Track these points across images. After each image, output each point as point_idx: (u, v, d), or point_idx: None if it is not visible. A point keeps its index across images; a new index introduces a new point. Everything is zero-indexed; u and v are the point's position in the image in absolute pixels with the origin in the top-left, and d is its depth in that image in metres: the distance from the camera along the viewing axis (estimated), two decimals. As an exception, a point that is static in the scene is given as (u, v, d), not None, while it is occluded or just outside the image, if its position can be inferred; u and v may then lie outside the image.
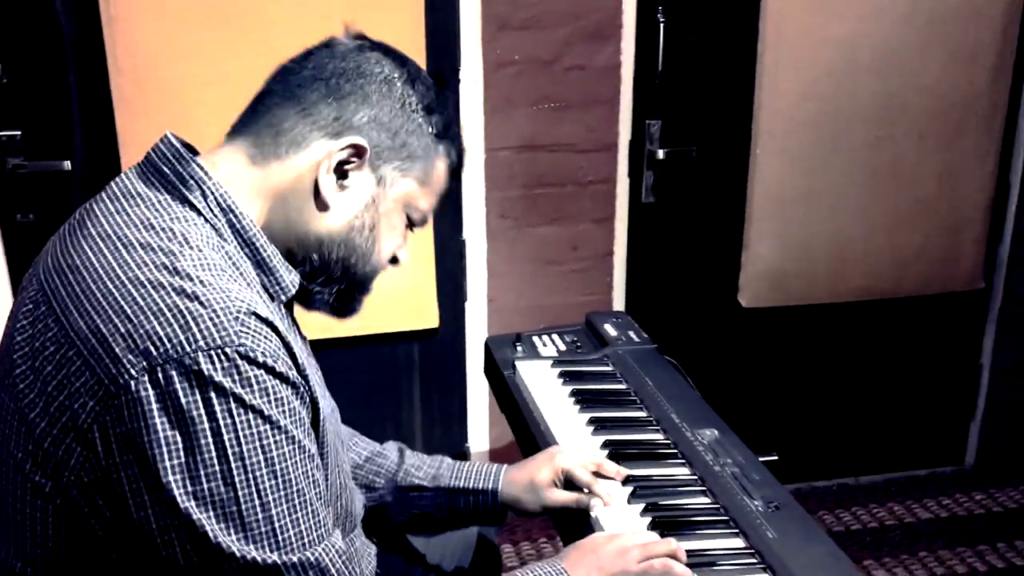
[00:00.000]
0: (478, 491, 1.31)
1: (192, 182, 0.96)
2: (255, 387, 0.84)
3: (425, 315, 2.40)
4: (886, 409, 2.84)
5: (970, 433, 2.95)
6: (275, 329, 0.88)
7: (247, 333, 0.85)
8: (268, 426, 0.84)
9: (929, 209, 2.62)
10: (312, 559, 0.87)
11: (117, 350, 0.82)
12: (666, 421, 1.49)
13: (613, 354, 1.73)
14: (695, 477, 1.34)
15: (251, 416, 0.83)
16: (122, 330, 0.83)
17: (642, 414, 1.53)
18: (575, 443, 1.43)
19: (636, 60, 2.39)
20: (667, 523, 1.22)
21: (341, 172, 1.00)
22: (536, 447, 1.45)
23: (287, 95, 0.99)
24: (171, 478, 0.81)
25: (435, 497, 1.32)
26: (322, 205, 1.00)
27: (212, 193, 0.96)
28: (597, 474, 1.31)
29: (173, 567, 0.84)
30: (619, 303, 2.59)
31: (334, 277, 1.04)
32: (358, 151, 0.99)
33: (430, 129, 1.04)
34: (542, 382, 1.63)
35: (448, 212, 2.40)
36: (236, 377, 0.83)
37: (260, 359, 0.84)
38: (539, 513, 1.31)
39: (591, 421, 1.49)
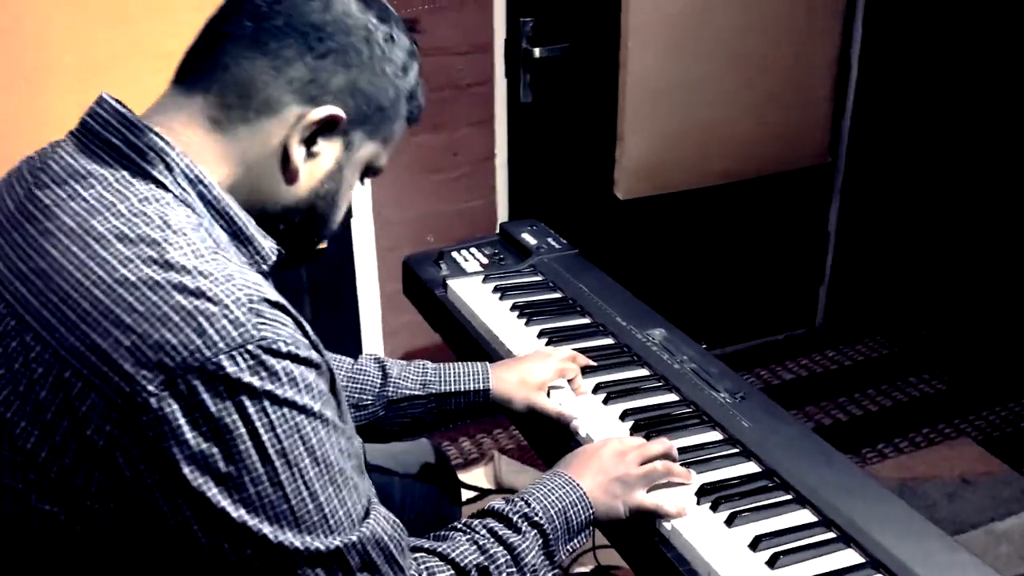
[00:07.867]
0: (471, 392, 1.34)
1: (153, 154, 0.85)
2: (283, 379, 0.78)
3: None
4: (746, 282, 3.04)
5: (819, 297, 3.21)
6: (286, 310, 0.83)
7: (265, 324, 0.78)
8: (303, 416, 0.80)
9: (782, 91, 2.76)
10: (368, 534, 0.85)
11: (126, 366, 0.74)
12: (612, 325, 1.53)
13: (539, 263, 1.75)
14: (658, 376, 1.40)
15: (285, 410, 0.78)
16: (126, 343, 0.75)
17: (587, 320, 1.56)
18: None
19: (506, -43, 2.34)
20: (646, 425, 1.28)
21: (311, 140, 0.92)
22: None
23: (256, 45, 0.88)
24: (214, 492, 0.76)
25: (427, 403, 1.35)
26: (291, 176, 0.92)
27: (177, 164, 0.86)
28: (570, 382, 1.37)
29: (245, 571, 0.79)
30: (503, 206, 2.59)
31: (292, 242, 0.98)
32: (333, 120, 0.91)
33: (404, 91, 0.98)
34: (479, 299, 1.63)
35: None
36: (264, 374, 0.77)
37: (284, 349, 0.79)
38: (523, 414, 1.34)
39: (542, 334, 1.51)
